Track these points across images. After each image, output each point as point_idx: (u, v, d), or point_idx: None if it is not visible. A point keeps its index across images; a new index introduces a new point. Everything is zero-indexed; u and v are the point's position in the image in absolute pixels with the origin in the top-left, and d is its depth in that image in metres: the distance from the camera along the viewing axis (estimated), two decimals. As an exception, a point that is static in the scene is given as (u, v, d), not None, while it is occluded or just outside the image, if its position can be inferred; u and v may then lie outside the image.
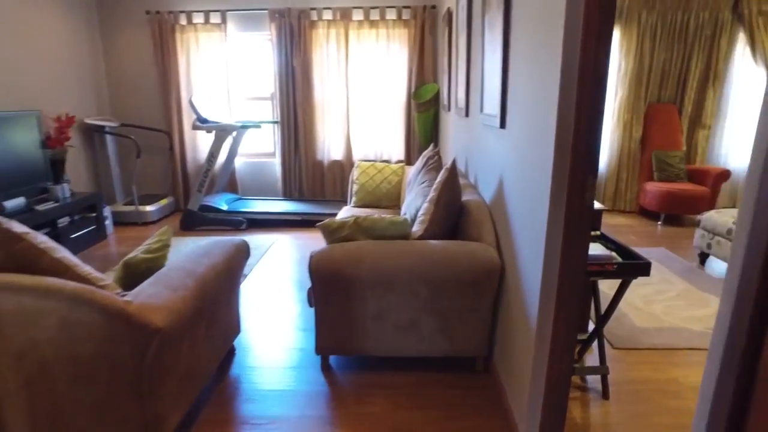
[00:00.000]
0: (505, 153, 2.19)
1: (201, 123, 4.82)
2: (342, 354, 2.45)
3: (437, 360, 2.57)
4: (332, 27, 5.32)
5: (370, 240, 2.36)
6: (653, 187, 5.24)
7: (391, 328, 2.31)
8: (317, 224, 2.50)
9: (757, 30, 5.46)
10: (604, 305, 3.05)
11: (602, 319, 2.27)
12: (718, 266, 4.01)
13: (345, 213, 3.95)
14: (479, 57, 2.78)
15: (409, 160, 5.72)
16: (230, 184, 5.86)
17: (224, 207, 5.18)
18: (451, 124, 4.40)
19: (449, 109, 4.39)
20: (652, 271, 3.84)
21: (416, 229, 2.41)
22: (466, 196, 2.68)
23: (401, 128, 5.67)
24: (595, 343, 2.69)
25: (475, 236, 2.33)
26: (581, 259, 1.57)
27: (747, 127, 5.94)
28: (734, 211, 3.83)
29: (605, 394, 2.30)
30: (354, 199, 4.18)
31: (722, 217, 3.80)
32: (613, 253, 2.03)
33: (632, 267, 1.93)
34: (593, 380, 2.42)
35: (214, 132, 4.93)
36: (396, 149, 5.74)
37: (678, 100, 5.69)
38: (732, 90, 5.77)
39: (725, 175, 5.16)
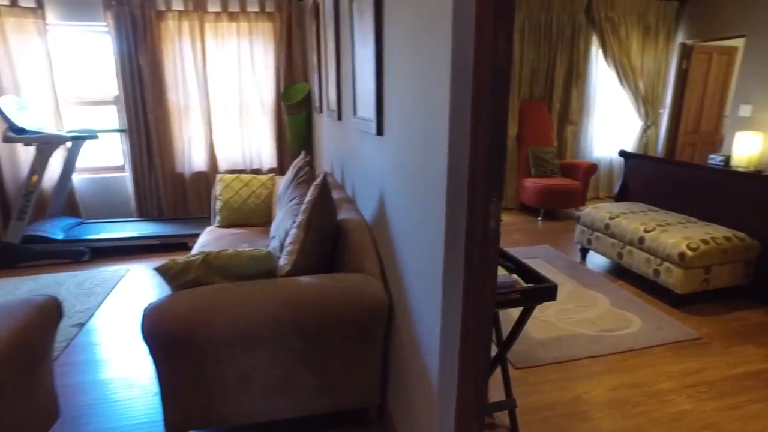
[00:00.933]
0: (385, 165, 1.81)
1: (15, 134, 3.85)
2: (200, 428, 1.91)
3: (323, 417, 2.13)
4: (184, 19, 4.60)
5: (227, 282, 1.85)
6: (531, 183, 5.31)
7: (259, 391, 1.83)
8: (155, 268, 1.93)
9: (606, 34, 5.80)
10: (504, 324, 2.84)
11: (505, 345, 2.00)
12: (598, 260, 4.08)
13: (207, 236, 3.35)
14: (349, 51, 2.39)
15: (282, 168, 5.20)
16: (69, 206, 4.85)
17: (59, 236, 4.23)
18: (324, 127, 3.98)
19: (321, 111, 3.96)
20: (542, 271, 3.75)
21: (284, 262, 1.94)
22: (344, 214, 2.28)
23: (272, 133, 5.12)
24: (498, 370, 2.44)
25: (356, 266, 1.93)
26: (488, 295, 1.24)
27: (606, 122, 6.32)
28: (610, 206, 3.91)
29: (514, 429, 2.04)
30: (218, 218, 3.58)
31: (599, 212, 3.84)
32: (516, 277, 1.75)
33: (538, 292, 1.67)
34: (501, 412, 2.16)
35: (35, 145, 3.97)
36: (267, 157, 5.18)
37: (547, 97, 5.86)
38: (593, 88, 6.10)
39: (593, 168, 5.39)
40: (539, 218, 5.35)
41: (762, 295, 3.31)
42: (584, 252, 4.14)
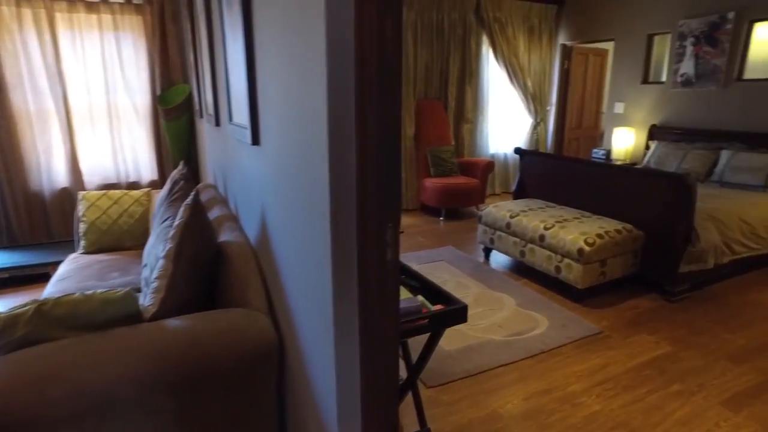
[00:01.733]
0: (265, 182, 1.54)
1: None
2: None
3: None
4: (25, 6, 3.90)
5: (74, 335, 1.46)
6: (431, 183, 5.27)
7: (123, 468, 1.46)
8: (-37, 325, 1.48)
9: (495, 34, 5.94)
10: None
11: (415, 371, 1.82)
12: (501, 259, 4.10)
13: (69, 265, 2.83)
14: (221, 46, 2.06)
15: (164, 181, 4.66)
16: None
17: None
18: (205, 134, 3.57)
19: (202, 116, 3.55)
20: (447, 275, 3.69)
21: (149, 302, 1.59)
22: (225, 235, 1.96)
23: (149, 141, 4.56)
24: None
25: (238, 299, 1.63)
26: (390, 335, 1.02)
27: (500, 119, 6.50)
28: (510, 204, 3.93)
29: (430, 461, 1.87)
30: (83, 243, 3.04)
31: (500, 211, 3.85)
32: (421, 299, 1.56)
33: (448, 316, 1.49)
34: (413, 444, 1.97)
35: None
36: (147, 168, 4.61)
37: (443, 96, 5.87)
38: (486, 86, 6.22)
39: (491, 165, 5.48)
40: (441, 218, 5.33)
41: (648, 282, 3.49)
42: (488, 251, 4.14)
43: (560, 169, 4.08)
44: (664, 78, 5.36)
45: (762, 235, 3.61)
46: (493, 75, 6.27)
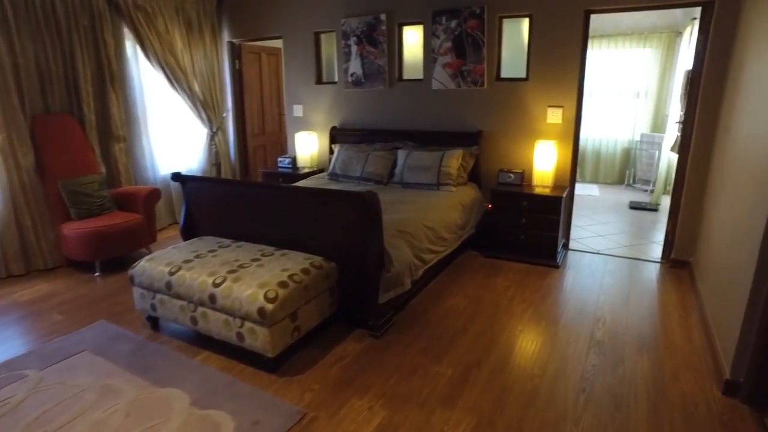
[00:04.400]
0: None
1: None
2: None
3: None
4: None
5: None
6: (73, 229, 3.78)
7: None
8: None
9: (141, 26, 4.71)
10: None
11: None
12: (173, 327, 3.03)
13: None
14: None
15: None
16: None
17: None
18: None
19: None
20: (89, 378, 2.45)
21: None
22: None
23: None
24: None
25: None
26: None
27: (167, 133, 5.30)
28: (171, 253, 2.86)
29: None
30: None
31: (157, 266, 2.78)
32: None
33: None
34: None
35: None
36: None
37: (76, 109, 4.32)
38: (139, 93, 4.92)
39: (156, 194, 4.29)
40: (97, 274, 3.91)
41: (349, 318, 3.01)
42: (154, 320, 3.03)
43: (231, 195, 3.26)
44: (336, 78, 5.13)
45: (444, 236, 3.57)
46: (149, 79, 5.02)
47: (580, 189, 6.46)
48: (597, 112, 7.22)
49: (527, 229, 3.99)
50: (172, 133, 5.37)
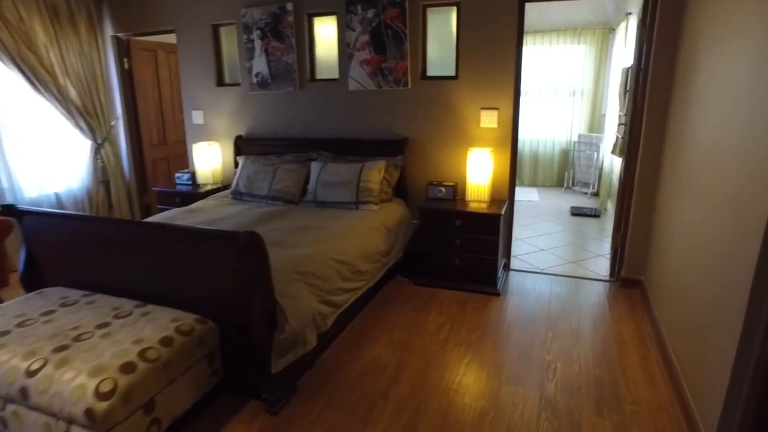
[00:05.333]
0: None
1: None
2: None
3: None
4: None
5: None
6: None
7: None
8: None
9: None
10: None
11: None
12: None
13: None
14: None
15: None
16: None
17: None
18: None
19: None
20: None
21: None
22: None
23: None
24: None
25: None
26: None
27: (34, 148, 4.35)
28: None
29: None
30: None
31: (20, 361, 1.97)
32: None
33: None
34: None
35: None
36: None
37: None
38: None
39: (7, 227, 3.40)
40: None
41: (240, 387, 2.33)
42: (-38, 413, 2.20)
43: (84, 233, 2.48)
44: (240, 79, 4.38)
45: (362, 269, 2.94)
46: (3, 81, 4.07)
47: (519, 193, 6.05)
48: (533, 111, 6.86)
49: (462, 251, 3.44)
50: (41, 147, 4.42)
